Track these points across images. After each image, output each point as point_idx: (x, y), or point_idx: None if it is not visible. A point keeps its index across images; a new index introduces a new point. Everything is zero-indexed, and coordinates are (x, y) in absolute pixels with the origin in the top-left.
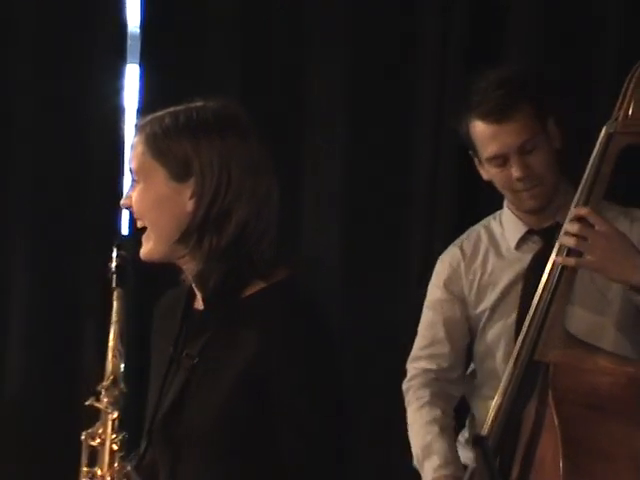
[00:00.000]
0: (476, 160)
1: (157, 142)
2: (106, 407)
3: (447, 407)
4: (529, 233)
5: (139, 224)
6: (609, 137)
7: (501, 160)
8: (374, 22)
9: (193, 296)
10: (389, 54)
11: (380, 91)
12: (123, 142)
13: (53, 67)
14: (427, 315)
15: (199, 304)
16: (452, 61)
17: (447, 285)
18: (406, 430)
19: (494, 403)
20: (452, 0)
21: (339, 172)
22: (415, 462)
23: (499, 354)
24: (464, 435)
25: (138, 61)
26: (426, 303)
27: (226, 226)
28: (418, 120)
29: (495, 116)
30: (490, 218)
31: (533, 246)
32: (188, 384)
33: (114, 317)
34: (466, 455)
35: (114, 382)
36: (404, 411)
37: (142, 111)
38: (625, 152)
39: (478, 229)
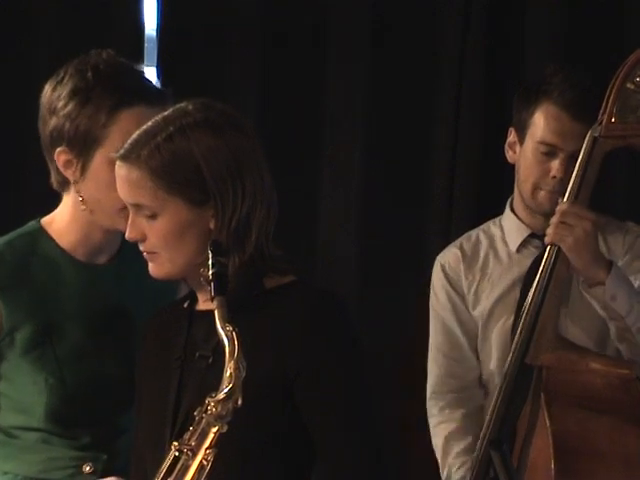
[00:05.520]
0: (512, 138)
1: (166, 172)
2: (215, 419)
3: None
4: (531, 237)
5: (147, 249)
6: (594, 141)
7: (550, 150)
8: (393, 24)
9: (195, 299)
10: (407, 55)
11: (399, 90)
12: None
13: None
14: (438, 320)
15: (201, 305)
16: (470, 61)
17: (453, 284)
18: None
19: (489, 407)
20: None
21: (357, 173)
22: None
23: (495, 358)
24: None
25: (155, 64)
26: (434, 308)
27: (248, 234)
28: (435, 120)
29: (574, 110)
30: (489, 223)
31: (534, 250)
32: (205, 384)
33: (221, 324)
34: None
35: (231, 395)
36: (417, 413)
37: None
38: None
39: (477, 232)
